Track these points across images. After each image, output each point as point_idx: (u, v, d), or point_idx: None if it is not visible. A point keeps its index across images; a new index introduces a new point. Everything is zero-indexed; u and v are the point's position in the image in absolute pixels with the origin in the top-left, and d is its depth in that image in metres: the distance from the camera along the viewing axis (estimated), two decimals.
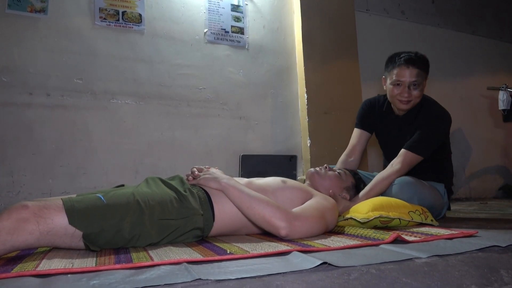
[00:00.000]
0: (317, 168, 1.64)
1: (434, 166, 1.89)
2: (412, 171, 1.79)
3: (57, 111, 2.32)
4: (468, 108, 4.03)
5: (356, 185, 1.69)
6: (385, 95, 1.96)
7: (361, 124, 2.03)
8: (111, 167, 2.41)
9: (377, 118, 1.99)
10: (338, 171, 1.67)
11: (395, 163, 1.75)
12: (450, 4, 4.07)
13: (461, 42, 4.10)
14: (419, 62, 1.76)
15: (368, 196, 1.66)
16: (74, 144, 2.34)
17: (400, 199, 1.61)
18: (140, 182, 1.34)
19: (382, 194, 1.74)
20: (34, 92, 2.28)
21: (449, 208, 1.97)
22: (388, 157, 1.99)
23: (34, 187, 2.22)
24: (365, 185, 1.74)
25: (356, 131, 2.05)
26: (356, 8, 3.37)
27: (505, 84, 3.62)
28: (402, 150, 1.76)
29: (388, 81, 1.84)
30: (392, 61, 1.81)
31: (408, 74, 1.74)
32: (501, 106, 3.61)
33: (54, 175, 2.27)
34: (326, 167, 1.65)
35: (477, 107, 4.10)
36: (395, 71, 1.77)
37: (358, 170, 1.98)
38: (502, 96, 3.60)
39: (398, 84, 1.77)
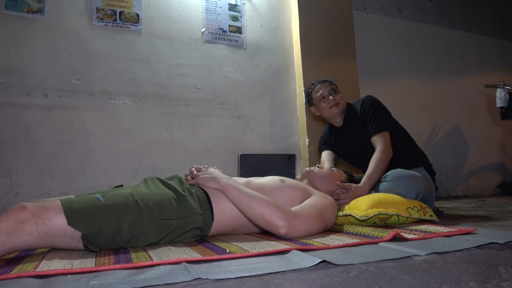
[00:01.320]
0: (311, 168, 1.68)
1: (403, 155, 1.96)
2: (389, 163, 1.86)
3: (55, 112, 2.32)
4: (466, 106, 4.05)
5: (349, 179, 1.74)
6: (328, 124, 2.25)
7: (324, 147, 2.26)
8: (109, 167, 2.41)
9: (330, 140, 2.22)
10: (330, 168, 1.73)
11: (378, 148, 1.86)
12: (447, 2, 4.08)
13: (458, 40, 4.11)
14: (324, 80, 2.13)
15: (371, 179, 1.75)
16: (72, 144, 2.33)
17: (397, 193, 1.63)
18: (138, 182, 1.34)
19: (378, 191, 1.75)
20: (32, 93, 2.28)
21: (436, 189, 1.99)
22: (360, 166, 2.14)
23: (33, 188, 2.21)
24: (358, 179, 1.78)
25: (322, 154, 2.24)
26: (354, 6, 3.37)
27: (503, 82, 3.64)
28: (373, 138, 1.90)
29: (317, 103, 2.11)
30: (309, 91, 2.17)
31: (324, 86, 2.09)
32: (499, 103, 3.63)
33: (52, 175, 2.26)
34: (318, 166, 1.71)
35: (474, 105, 4.11)
36: (314, 93, 2.11)
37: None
38: (499, 93, 3.62)
39: (323, 97, 2.07)
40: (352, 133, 2.06)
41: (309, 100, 2.18)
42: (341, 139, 2.15)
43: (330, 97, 2.05)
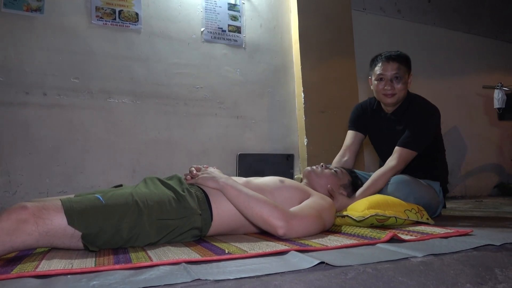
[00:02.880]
0: (314, 167, 1.65)
1: (428, 163, 1.91)
2: (407, 169, 1.82)
3: (54, 111, 2.32)
4: (464, 107, 4.06)
5: (353, 182, 1.70)
6: (375, 98, 2.02)
7: (354, 126, 2.09)
8: (108, 166, 2.41)
9: (368, 119, 2.05)
10: (334, 169, 1.68)
11: (391, 160, 1.78)
12: (446, 3, 4.09)
13: (457, 41, 4.12)
14: (398, 58, 1.85)
15: (365, 194, 1.67)
16: (71, 143, 2.33)
17: (397, 197, 1.63)
18: (137, 181, 1.35)
19: (379, 192, 1.75)
20: (31, 91, 2.27)
21: (444, 206, 1.99)
22: (383, 157, 2.02)
23: (31, 186, 2.21)
24: (362, 183, 1.75)
25: (349, 133, 2.10)
26: (353, 7, 3.38)
27: (501, 83, 3.66)
28: (396, 148, 1.80)
29: (373, 79, 1.92)
30: (374, 60, 1.93)
31: (389, 68, 1.83)
32: (497, 104, 3.65)
33: (51, 174, 2.26)
34: (322, 166, 1.67)
35: (472, 106, 4.13)
36: (377, 68, 1.88)
37: (354, 170, 1.99)
38: (497, 94, 3.64)
39: (381, 79, 1.86)
40: (394, 128, 1.92)
41: (371, 67, 1.95)
42: (380, 125, 2.00)
43: (390, 83, 1.82)
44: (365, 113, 2.06)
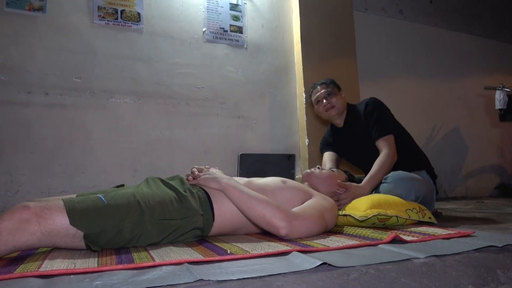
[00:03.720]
0: (312, 169, 1.69)
1: (407, 154, 1.97)
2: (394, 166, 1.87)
3: (56, 110, 2.32)
4: (465, 108, 4.06)
5: (349, 180, 1.75)
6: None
7: (325, 148, 2.28)
8: (109, 166, 2.41)
9: (333, 142, 2.24)
10: (331, 169, 1.74)
11: (382, 151, 1.87)
12: (447, 4, 4.09)
13: (459, 42, 4.12)
14: (324, 82, 2.15)
15: (373, 181, 1.76)
16: (72, 143, 2.34)
17: (397, 194, 1.64)
18: (138, 181, 1.35)
19: (378, 192, 1.76)
20: (33, 90, 2.28)
21: (436, 192, 2.00)
22: (364, 167, 2.12)
23: (33, 186, 2.21)
24: (358, 180, 1.79)
25: (324, 155, 2.26)
26: (355, 7, 3.38)
27: (502, 84, 3.66)
28: (377, 142, 1.91)
29: (315, 105, 2.18)
30: (309, 94, 2.23)
31: (320, 89, 2.13)
32: (498, 105, 3.65)
33: (52, 173, 2.27)
34: (318, 167, 1.71)
35: (474, 107, 4.13)
36: (312, 96, 2.17)
37: None
38: (498, 95, 3.64)
39: (318, 101, 2.13)
40: (354, 134, 2.08)
41: (311, 100, 2.22)
42: (342, 140, 2.16)
43: (325, 100, 2.08)
44: (329, 140, 2.27)
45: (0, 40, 2.23)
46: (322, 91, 2.11)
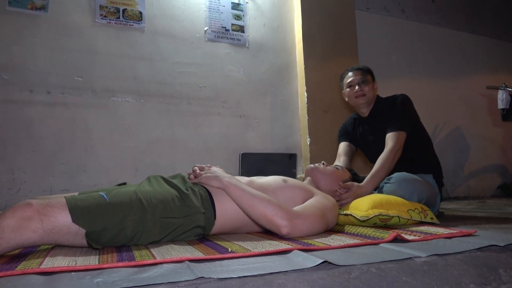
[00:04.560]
0: (316, 164, 1.67)
1: (418, 156, 1.96)
2: (399, 164, 1.85)
3: (57, 109, 2.32)
4: (467, 107, 4.05)
5: (353, 179, 1.73)
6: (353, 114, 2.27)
7: (343, 138, 2.24)
8: (111, 165, 2.42)
9: (352, 131, 2.22)
10: (335, 166, 1.72)
11: (387, 144, 1.85)
12: (449, 3, 4.08)
13: (461, 41, 4.11)
14: (361, 68, 2.12)
15: (374, 179, 1.75)
16: (74, 141, 2.34)
17: (400, 195, 1.63)
18: (140, 180, 1.35)
19: (381, 192, 1.75)
20: (35, 89, 2.28)
21: (441, 199, 1.99)
22: (371, 158, 2.09)
23: (35, 184, 2.22)
24: (362, 178, 1.78)
25: (341, 144, 2.23)
26: (357, 6, 3.37)
27: (505, 83, 3.64)
28: (388, 134, 1.89)
29: (345, 88, 2.14)
30: (342, 76, 2.20)
31: (354, 75, 2.10)
32: (500, 105, 3.63)
33: (54, 172, 2.27)
34: (323, 163, 1.69)
35: (476, 106, 4.12)
36: (345, 79, 2.14)
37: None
38: (501, 95, 3.62)
39: (350, 86, 2.09)
40: (375, 127, 2.04)
41: (341, 81, 2.18)
42: (363, 130, 2.14)
43: (357, 87, 2.04)
44: (348, 128, 2.24)
45: (2, 39, 2.24)
46: (358, 76, 2.07)
